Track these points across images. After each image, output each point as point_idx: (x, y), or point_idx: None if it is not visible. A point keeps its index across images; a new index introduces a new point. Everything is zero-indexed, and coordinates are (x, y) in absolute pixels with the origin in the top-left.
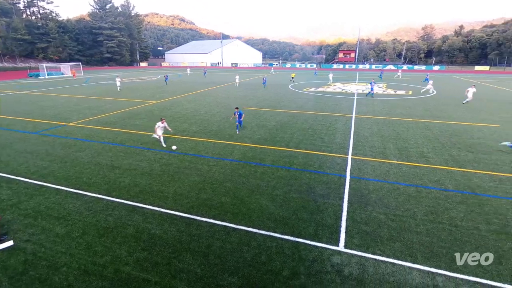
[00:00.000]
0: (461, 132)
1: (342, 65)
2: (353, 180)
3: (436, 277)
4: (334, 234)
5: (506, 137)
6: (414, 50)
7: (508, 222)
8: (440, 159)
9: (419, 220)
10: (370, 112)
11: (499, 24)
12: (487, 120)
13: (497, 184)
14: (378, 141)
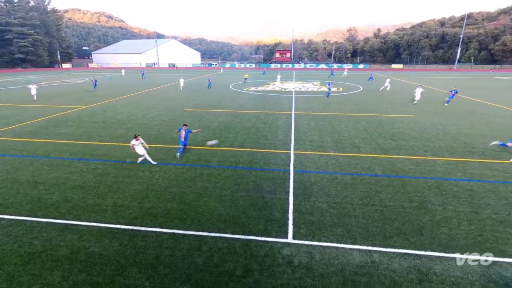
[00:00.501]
0: (385, 123)
1: (279, 65)
2: (296, 174)
3: (373, 254)
4: (282, 227)
5: (419, 125)
6: (342, 50)
7: (425, 198)
8: (369, 148)
9: (356, 205)
10: (307, 108)
11: (408, 28)
12: (404, 111)
13: (415, 166)
14: (316, 136)
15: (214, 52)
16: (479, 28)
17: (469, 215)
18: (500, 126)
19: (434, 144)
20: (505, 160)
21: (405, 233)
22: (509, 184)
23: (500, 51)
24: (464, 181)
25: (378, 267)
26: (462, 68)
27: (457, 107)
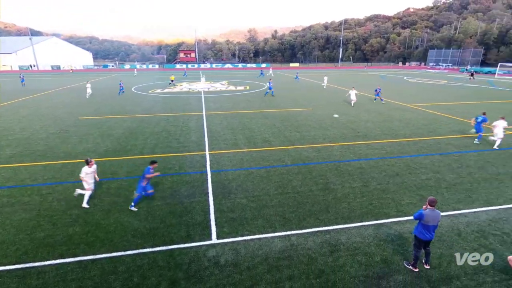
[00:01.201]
0: (289, 117)
1: (185, 65)
2: (214, 174)
3: (291, 238)
4: (205, 229)
5: (317, 117)
6: (245, 50)
7: (328, 179)
8: (278, 141)
9: (272, 195)
10: (218, 108)
11: (300, 30)
12: (304, 105)
13: (317, 153)
14: (229, 134)
15: (109, 52)
16: (353, 32)
17: (361, 189)
18: (376, 112)
19: (330, 132)
20: (382, 140)
21: (315, 213)
22: (385, 159)
23: (370, 51)
24: (355, 161)
25: (297, 248)
26: (344, 66)
27: (344, 99)
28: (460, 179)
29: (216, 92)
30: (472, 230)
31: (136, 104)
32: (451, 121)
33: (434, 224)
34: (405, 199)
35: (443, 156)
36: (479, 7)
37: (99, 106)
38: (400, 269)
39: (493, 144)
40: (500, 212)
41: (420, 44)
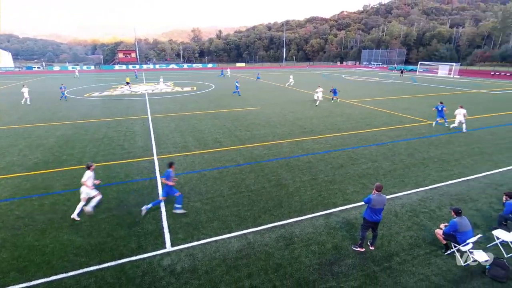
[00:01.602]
0: (239, 117)
1: (125, 66)
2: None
3: (247, 236)
4: (158, 238)
5: (266, 116)
6: (190, 50)
7: (280, 176)
8: (229, 141)
9: (226, 196)
10: (164, 110)
11: (244, 31)
12: (253, 105)
13: (267, 151)
14: (178, 137)
15: (33, 52)
16: (295, 32)
17: (311, 182)
18: (320, 109)
19: (278, 130)
20: (326, 135)
21: (269, 210)
22: (330, 152)
23: (311, 51)
24: (303, 156)
25: (254, 246)
26: (289, 65)
27: (290, 97)
28: (394, 166)
29: (161, 94)
30: (406, 210)
31: (71, 109)
32: (384, 115)
33: (381, 207)
34: (350, 188)
35: (379, 146)
36: (401, 12)
37: (24, 114)
38: (349, 253)
39: (451, 129)
40: (427, 192)
41: (354, 45)
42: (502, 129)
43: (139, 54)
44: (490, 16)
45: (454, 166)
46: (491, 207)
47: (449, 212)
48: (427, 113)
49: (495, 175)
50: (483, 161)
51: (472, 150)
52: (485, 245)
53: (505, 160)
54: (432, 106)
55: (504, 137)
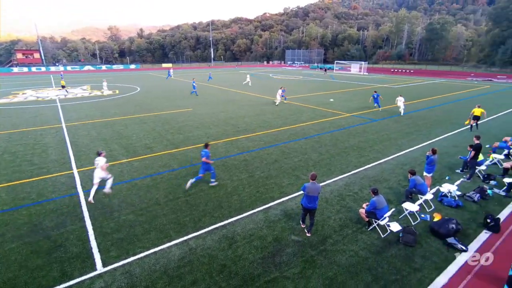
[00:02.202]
0: (170, 120)
1: (27, 68)
2: (88, 195)
3: (188, 242)
4: (86, 260)
5: (198, 117)
6: (108, 50)
7: (217, 176)
8: (161, 146)
9: (162, 203)
10: (82, 117)
11: (168, 30)
12: (183, 106)
13: (198, 153)
14: (102, 145)
15: None
16: (221, 33)
17: (248, 180)
18: (251, 108)
19: (212, 130)
20: (259, 132)
21: (209, 212)
22: (264, 149)
23: (238, 51)
24: (239, 155)
25: (196, 251)
26: (217, 65)
27: (221, 97)
28: (321, 156)
29: (76, 99)
30: (334, 196)
31: None
32: (309, 110)
33: (315, 195)
34: (285, 181)
35: (308, 139)
36: (316, 15)
37: None
38: (289, 243)
39: (400, 112)
40: (350, 177)
41: (278, 45)
42: (402, 117)
43: (44, 55)
44: (387, 21)
45: (370, 152)
46: (400, 184)
47: (369, 192)
48: (345, 107)
49: (400, 157)
50: (390, 146)
51: (382, 137)
52: (397, 217)
53: (406, 143)
54: (349, 100)
55: (405, 124)
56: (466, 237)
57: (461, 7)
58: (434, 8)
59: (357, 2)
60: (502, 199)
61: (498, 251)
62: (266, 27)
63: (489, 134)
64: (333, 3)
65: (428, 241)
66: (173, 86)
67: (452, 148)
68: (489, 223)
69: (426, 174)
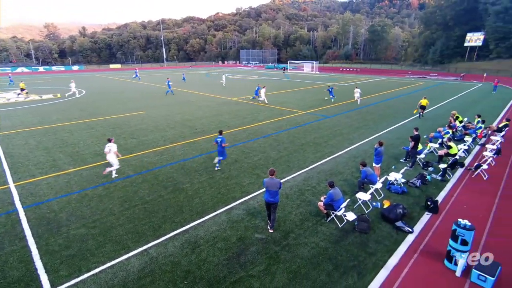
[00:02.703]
0: (121, 124)
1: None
2: (29, 211)
3: (149, 251)
4: (31, 284)
5: (152, 119)
6: (45, 50)
7: (176, 180)
8: None
9: (117, 213)
10: (18, 125)
11: (115, 28)
12: (135, 109)
13: (160, 156)
14: (43, 155)
15: None
16: (173, 32)
17: (209, 181)
18: (207, 108)
19: (168, 133)
20: (217, 133)
21: (170, 218)
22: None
23: (192, 51)
24: (198, 157)
25: (157, 260)
26: (171, 66)
27: (177, 98)
28: (280, 154)
29: (9, 105)
30: (294, 191)
31: None
32: (266, 109)
33: (274, 190)
34: (246, 180)
35: (266, 138)
36: (269, 16)
37: None
38: (253, 242)
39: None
40: (308, 172)
41: (233, 45)
42: (353, 113)
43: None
44: (334, 23)
45: (325, 147)
46: (353, 175)
47: (326, 186)
48: (300, 105)
49: (352, 150)
50: (343, 140)
51: (335, 132)
52: (352, 207)
53: (357, 137)
54: (303, 99)
55: (355, 119)
56: (411, 220)
57: (397, 11)
58: (375, 11)
59: (306, 4)
60: (439, 183)
61: (438, 230)
62: (219, 27)
63: (426, 125)
64: (283, 5)
65: (380, 226)
66: (124, 87)
67: (396, 140)
68: (429, 206)
69: (375, 165)
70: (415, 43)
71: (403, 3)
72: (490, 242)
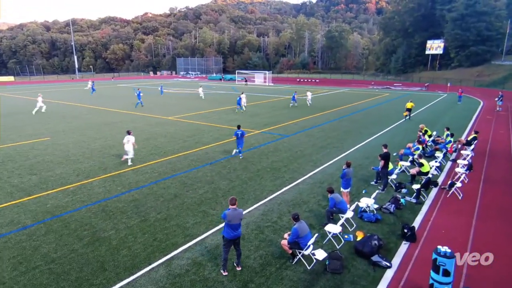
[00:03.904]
0: (15, 156)
1: None
2: None
3: None
4: None
5: (61, 148)
6: None
7: (96, 227)
8: (3, 193)
9: (8, 280)
10: None
11: (6, 30)
12: (35, 134)
13: (72, 196)
14: None
15: None
16: (87, 36)
17: (140, 225)
18: (139, 131)
19: (84, 165)
20: (151, 162)
21: (87, 279)
22: (159, 182)
23: (114, 59)
24: (125, 194)
25: None
26: (85, 78)
27: (94, 119)
28: (232, 184)
29: None
30: (251, 229)
31: None
32: (212, 129)
33: (237, 223)
34: (189, 220)
35: (213, 165)
36: (210, 18)
37: None
38: None
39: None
40: (267, 205)
41: (167, 52)
42: (314, 130)
43: None
44: (287, 27)
45: (285, 173)
46: (320, 204)
47: (289, 219)
48: (253, 122)
49: (316, 174)
50: (306, 162)
51: (296, 154)
52: (321, 242)
53: (321, 159)
54: (256, 115)
55: (318, 137)
56: (388, 252)
57: (354, 15)
58: (330, 15)
59: (254, 5)
60: (414, 206)
61: (418, 260)
62: (149, 30)
63: (393, 141)
64: (227, 5)
65: (355, 264)
66: (16, 107)
67: (364, 159)
68: (406, 233)
69: (343, 190)
70: (376, 51)
71: (360, 7)
72: (471, 270)
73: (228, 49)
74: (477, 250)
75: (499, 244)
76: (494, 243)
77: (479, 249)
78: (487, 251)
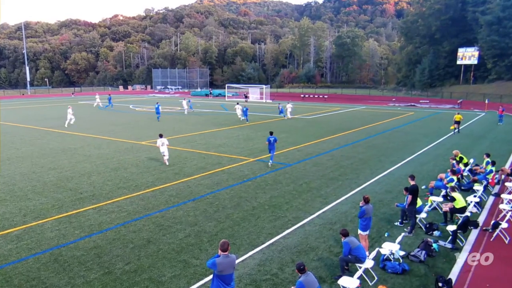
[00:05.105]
0: None
1: None
2: None
3: None
4: None
5: (4, 180)
6: None
7: (45, 283)
8: None
9: None
10: None
11: None
12: None
13: (15, 244)
14: None
15: None
16: (43, 42)
17: (102, 280)
18: (104, 159)
19: (33, 202)
20: (119, 198)
21: None
22: (129, 223)
23: (75, 70)
24: (85, 239)
25: None
26: (39, 93)
27: (48, 145)
28: (220, 226)
29: None
30: (245, 284)
31: None
32: (196, 156)
33: (230, 273)
34: (166, 273)
35: (197, 201)
36: (194, 21)
37: None
38: None
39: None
40: (265, 252)
41: (141, 62)
42: (323, 158)
43: None
44: (288, 33)
45: (287, 211)
46: (331, 251)
47: (293, 271)
48: (246, 148)
49: (326, 213)
50: (313, 198)
51: (301, 187)
52: None
53: (332, 193)
54: (250, 139)
55: (327, 166)
56: None
57: (369, 18)
58: (340, 18)
59: (248, 6)
60: (449, 252)
61: None
62: (119, 36)
63: (422, 172)
64: (215, 6)
65: None
66: None
67: (386, 194)
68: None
69: (361, 232)
70: (397, 61)
71: (375, 8)
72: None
73: (216, 58)
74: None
75: None
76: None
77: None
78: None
